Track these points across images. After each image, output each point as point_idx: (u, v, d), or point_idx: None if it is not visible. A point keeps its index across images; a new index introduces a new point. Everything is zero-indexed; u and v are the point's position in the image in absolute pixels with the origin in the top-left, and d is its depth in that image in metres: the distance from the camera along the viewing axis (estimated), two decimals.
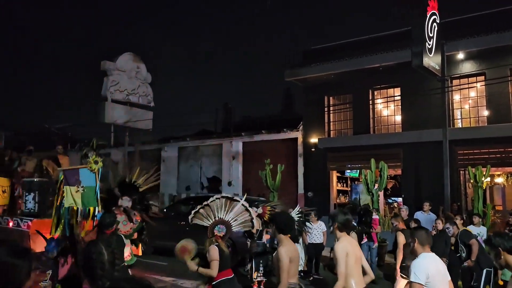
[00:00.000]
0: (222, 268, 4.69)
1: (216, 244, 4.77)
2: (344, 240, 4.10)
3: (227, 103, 24.34)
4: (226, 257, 4.75)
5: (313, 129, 16.64)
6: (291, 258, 4.11)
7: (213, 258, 4.66)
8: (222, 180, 18.50)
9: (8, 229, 8.77)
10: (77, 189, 6.09)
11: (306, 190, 16.32)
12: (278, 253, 4.16)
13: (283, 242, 4.20)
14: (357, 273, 4.02)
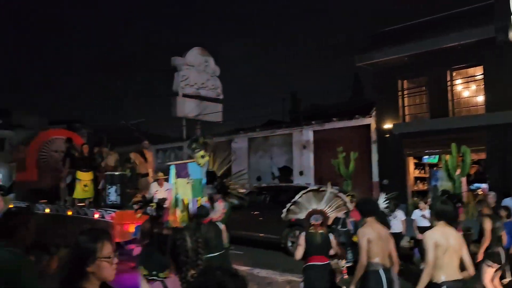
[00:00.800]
0: (310, 253, 4.97)
1: (308, 231, 5.06)
2: (437, 229, 4.04)
3: (295, 92, 24.09)
4: (315, 243, 4.97)
5: (386, 114, 15.99)
6: (371, 239, 4.34)
7: (298, 243, 5.09)
8: (293, 170, 18.37)
9: (94, 220, 9.29)
10: (187, 181, 6.59)
11: (381, 178, 15.75)
12: (357, 233, 4.57)
13: (366, 224, 4.53)
14: (447, 265, 3.89)
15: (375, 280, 4.35)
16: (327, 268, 5.02)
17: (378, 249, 4.40)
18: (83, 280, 2.10)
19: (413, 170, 15.96)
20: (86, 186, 10.35)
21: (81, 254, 2.13)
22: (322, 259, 4.98)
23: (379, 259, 4.39)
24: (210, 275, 1.62)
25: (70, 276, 2.12)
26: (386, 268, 4.43)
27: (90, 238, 2.19)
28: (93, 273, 2.12)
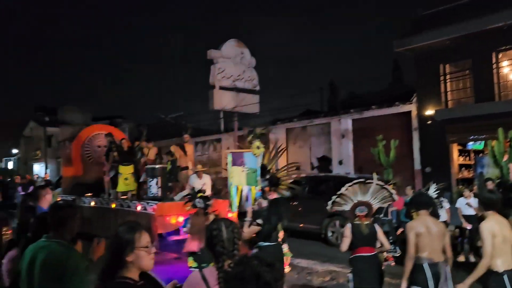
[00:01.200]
0: (357, 245, 4.98)
1: (354, 223, 5.08)
2: (490, 219, 4.08)
3: (332, 81, 23.74)
4: (362, 234, 4.98)
5: (428, 100, 15.49)
6: (419, 233, 4.36)
7: (344, 235, 5.09)
8: (332, 159, 18.16)
9: (137, 212, 9.50)
10: (242, 169, 6.90)
11: (424, 166, 15.32)
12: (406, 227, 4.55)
13: (417, 217, 4.59)
14: (505, 254, 3.98)
15: (419, 274, 4.32)
16: (375, 259, 5.05)
17: (425, 243, 4.36)
18: (123, 269, 2.20)
19: (457, 157, 15.43)
20: (127, 179, 10.60)
21: (120, 244, 2.23)
22: (369, 250, 4.99)
23: (427, 253, 4.35)
24: (247, 265, 1.63)
25: (110, 265, 2.22)
26: (433, 263, 4.36)
27: (128, 229, 2.29)
28: (132, 262, 2.21)
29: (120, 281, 2.17)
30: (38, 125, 37.28)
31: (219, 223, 2.61)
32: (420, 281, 4.32)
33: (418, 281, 4.33)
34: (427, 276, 4.30)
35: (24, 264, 2.93)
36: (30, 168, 40.09)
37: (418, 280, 4.32)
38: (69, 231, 3.06)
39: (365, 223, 5.07)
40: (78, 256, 2.96)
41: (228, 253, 2.51)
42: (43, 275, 2.80)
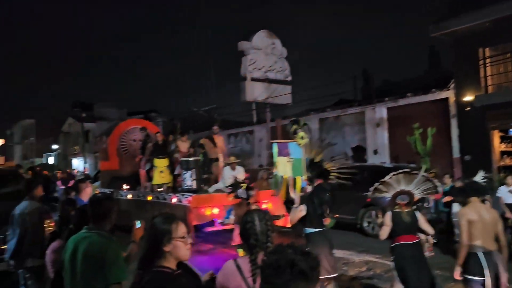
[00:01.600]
0: (398, 233, 4.93)
1: (394, 211, 4.99)
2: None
3: (365, 69, 23.29)
4: (403, 222, 4.93)
5: (467, 86, 14.94)
6: (471, 220, 4.31)
7: (384, 223, 5.00)
8: (367, 149, 17.86)
9: (172, 204, 9.65)
10: (288, 159, 6.98)
11: (463, 154, 14.84)
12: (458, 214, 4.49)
13: (468, 204, 4.49)
14: None
15: (474, 263, 4.26)
16: (417, 247, 4.98)
17: (478, 231, 4.30)
18: (161, 259, 2.25)
19: (499, 144, 14.85)
20: (162, 172, 10.78)
21: (157, 234, 2.28)
22: (411, 238, 4.93)
23: (480, 241, 4.29)
24: (282, 254, 1.62)
25: (148, 255, 2.28)
26: (488, 251, 4.30)
27: (165, 220, 2.34)
28: (170, 252, 2.27)
29: (158, 269, 2.21)
30: (75, 121, 38.41)
31: (253, 216, 2.60)
32: (475, 270, 4.26)
33: (474, 270, 4.27)
34: (483, 265, 4.23)
35: (67, 254, 3.05)
36: (70, 163, 41.44)
37: (473, 269, 4.27)
38: (108, 223, 3.18)
39: (405, 211, 5.00)
40: (117, 247, 3.05)
41: (262, 245, 2.51)
42: (85, 264, 2.92)
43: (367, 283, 6.95)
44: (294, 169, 6.93)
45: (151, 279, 2.17)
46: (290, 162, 6.95)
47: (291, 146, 7.11)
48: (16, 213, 5.24)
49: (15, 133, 54.92)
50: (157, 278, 2.17)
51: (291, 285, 1.57)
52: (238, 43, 21.95)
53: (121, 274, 2.92)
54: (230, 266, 2.52)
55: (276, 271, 1.58)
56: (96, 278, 2.89)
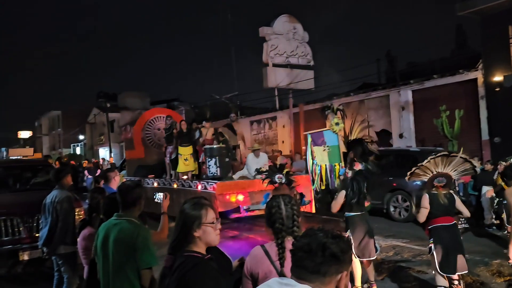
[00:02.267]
0: (436, 215, 4.90)
1: (430, 192, 4.96)
2: None
3: (389, 51, 22.84)
4: (441, 204, 4.89)
5: (496, 66, 14.48)
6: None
7: (422, 205, 4.93)
8: (392, 133, 17.59)
9: (197, 192, 9.74)
10: (324, 148, 6.96)
11: (492, 136, 14.45)
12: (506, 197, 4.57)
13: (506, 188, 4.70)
14: None
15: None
16: (455, 228, 4.98)
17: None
18: (191, 244, 2.28)
19: None
20: (186, 160, 10.87)
21: (188, 220, 2.30)
22: (449, 220, 4.93)
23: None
24: (313, 237, 1.63)
25: (179, 240, 2.31)
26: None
27: (195, 206, 2.35)
28: (199, 237, 2.29)
29: (188, 254, 2.24)
30: (100, 112, 39.02)
31: (278, 200, 2.59)
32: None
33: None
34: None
35: (98, 241, 3.14)
36: (96, 152, 42.26)
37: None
38: (137, 209, 3.25)
39: (443, 192, 4.96)
40: (147, 233, 3.12)
41: (287, 229, 2.50)
42: (116, 250, 2.99)
43: (395, 267, 6.89)
44: (331, 156, 6.88)
45: (182, 263, 2.19)
46: (326, 150, 6.90)
47: (326, 134, 7.05)
48: (47, 201, 5.38)
49: (42, 125, 56.27)
50: (188, 262, 2.19)
51: (322, 268, 1.58)
52: (259, 28, 21.79)
53: (152, 259, 2.98)
54: (258, 251, 2.53)
55: (307, 254, 1.59)
56: (127, 263, 2.95)
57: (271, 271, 2.41)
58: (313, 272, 1.58)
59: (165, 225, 3.91)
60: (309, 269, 1.58)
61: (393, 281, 6.18)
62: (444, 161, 5.06)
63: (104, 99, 33.91)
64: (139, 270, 2.96)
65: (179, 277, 2.16)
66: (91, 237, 3.96)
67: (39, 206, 5.51)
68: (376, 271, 6.64)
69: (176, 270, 2.19)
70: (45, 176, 7.74)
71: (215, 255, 2.39)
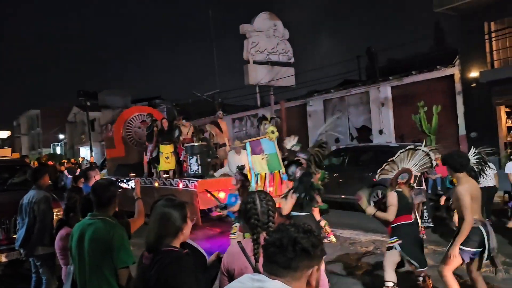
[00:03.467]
0: (400, 212, 4.91)
1: (396, 190, 4.98)
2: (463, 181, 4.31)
3: (370, 48, 23.06)
4: (406, 202, 4.93)
5: (472, 62, 14.77)
6: (472, 195, 4.26)
7: (390, 203, 4.90)
8: (372, 129, 17.80)
9: (179, 190, 9.71)
10: (262, 156, 7.00)
11: (469, 131, 14.75)
12: (456, 192, 4.35)
13: (461, 180, 4.39)
14: None
15: (476, 236, 4.34)
16: (415, 226, 5.06)
17: (476, 205, 4.37)
18: (171, 239, 2.37)
19: (505, 120, 14.75)
20: (167, 158, 10.82)
21: (173, 217, 2.38)
22: (410, 218, 4.99)
23: (478, 215, 4.37)
24: (284, 232, 1.64)
25: (158, 237, 2.36)
26: (484, 223, 4.44)
27: (179, 203, 2.47)
28: (184, 233, 2.41)
29: (168, 249, 2.29)
30: (80, 111, 38.52)
31: (254, 196, 2.63)
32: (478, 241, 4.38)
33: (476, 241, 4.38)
34: (484, 236, 4.36)
35: (73, 241, 3.11)
36: (77, 152, 41.72)
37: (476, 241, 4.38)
38: (112, 208, 3.23)
39: (406, 190, 5.03)
40: (123, 231, 3.10)
41: (263, 225, 2.53)
42: (92, 251, 2.97)
43: (375, 261, 7.00)
44: (270, 164, 6.95)
45: (161, 259, 2.23)
46: (264, 158, 6.97)
47: (263, 142, 7.14)
48: (24, 202, 5.31)
49: (21, 124, 55.26)
50: (167, 257, 2.23)
51: (293, 262, 1.59)
52: (240, 26, 21.77)
53: (129, 258, 2.97)
54: (235, 248, 2.56)
55: (279, 249, 1.60)
56: (104, 263, 2.93)
57: (247, 267, 2.43)
58: (285, 267, 1.59)
59: (141, 210, 3.94)
60: (280, 264, 1.59)
61: (372, 275, 6.28)
62: (409, 155, 5.11)
63: (84, 97, 33.44)
64: (116, 270, 2.94)
65: (159, 272, 2.19)
66: (68, 237, 3.94)
67: (16, 207, 5.43)
68: (356, 265, 6.74)
69: (155, 265, 2.22)
70: (22, 177, 7.64)
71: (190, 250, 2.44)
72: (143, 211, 3.95)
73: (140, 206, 3.93)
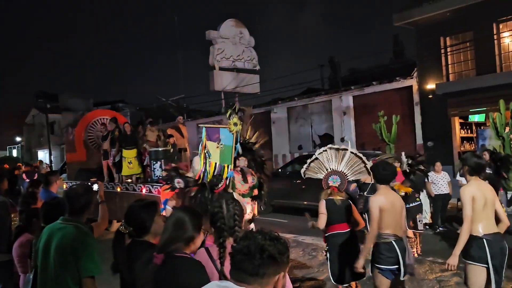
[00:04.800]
0: (333, 221, 4.73)
1: (328, 198, 4.78)
2: (472, 184, 3.97)
3: (332, 57, 23.59)
4: (338, 210, 4.71)
5: (429, 74, 15.41)
6: (383, 208, 4.02)
7: (319, 211, 4.75)
8: (334, 137, 18.19)
9: (142, 195, 9.61)
10: (217, 145, 6.69)
11: (426, 140, 15.34)
12: (369, 202, 4.20)
13: (379, 192, 4.16)
14: (485, 218, 3.88)
15: (387, 251, 4.05)
16: (351, 236, 4.73)
17: (390, 219, 4.05)
18: (186, 246, 2.43)
19: (459, 130, 15.44)
20: (130, 163, 10.70)
21: (195, 224, 2.47)
22: (344, 227, 4.72)
23: (391, 229, 4.06)
24: (252, 239, 1.66)
25: (175, 242, 2.41)
26: (399, 238, 4.11)
27: (196, 212, 2.57)
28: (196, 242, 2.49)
29: (183, 255, 2.34)
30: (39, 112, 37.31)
31: (221, 201, 2.68)
32: (389, 257, 4.10)
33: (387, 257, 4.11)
34: (397, 251, 4.07)
35: (41, 245, 3.02)
36: (35, 155, 40.30)
37: (386, 256, 4.10)
38: (86, 214, 3.17)
39: (338, 197, 4.77)
40: (93, 240, 3.04)
41: (229, 229, 2.57)
42: (58, 256, 2.88)
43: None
44: (222, 156, 6.68)
45: (180, 263, 2.28)
46: (219, 148, 6.70)
47: (222, 132, 6.83)
48: None
49: None
50: (188, 263, 2.31)
51: (261, 269, 1.62)
52: (206, 32, 21.80)
53: (95, 268, 2.88)
54: (202, 254, 2.57)
55: (246, 257, 1.63)
56: (69, 271, 2.85)
57: (213, 273, 2.45)
58: (252, 274, 1.62)
59: (105, 215, 3.86)
60: (248, 271, 1.62)
61: None
62: (336, 155, 4.90)
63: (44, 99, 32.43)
64: (80, 279, 2.85)
65: (177, 275, 2.23)
66: (28, 244, 3.86)
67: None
68: (318, 270, 6.88)
69: (172, 268, 2.25)
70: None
71: None
72: (107, 216, 3.90)
73: (104, 211, 3.85)
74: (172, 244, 2.31)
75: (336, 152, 4.96)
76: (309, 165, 5.09)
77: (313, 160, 5.04)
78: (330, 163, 4.95)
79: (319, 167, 5.01)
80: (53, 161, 25.93)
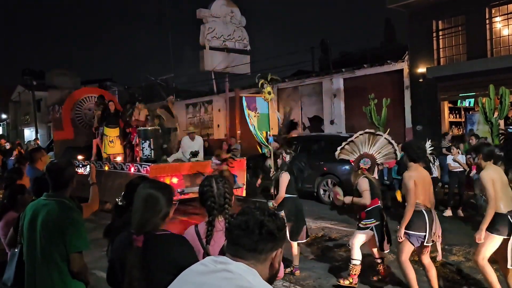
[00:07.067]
0: (372, 196, 5.16)
1: (364, 176, 5.21)
2: (489, 168, 4.55)
3: (324, 40, 23.43)
4: (374, 187, 5.21)
5: (420, 58, 15.40)
6: (417, 182, 4.53)
7: (364, 188, 5.13)
8: (324, 119, 18.20)
9: (130, 174, 9.54)
10: (255, 114, 7.03)
11: (415, 124, 15.42)
12: (403, 177, 4.67)
13: (411, 168, 4.67)
14: (505, 197, 4.46)
15: (417, 218, 4.56)
16: (382, 210, 5.32)
17: (421, 191, 4.58)
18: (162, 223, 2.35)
19: (448, 115, 15.53)
20: (112, 142, 10.61)
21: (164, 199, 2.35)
22: (377, 201, 5.23)
23: (422, 200, 4.59)
24: (250, 215, 1.64)
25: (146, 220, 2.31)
26: (428, 209, 4.64)
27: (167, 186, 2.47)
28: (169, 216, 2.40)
29: (164, 233, 2.28)
30: (26, 90, 36.70)
31: (210, 179, 2.66)
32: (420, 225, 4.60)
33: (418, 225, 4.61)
34: (426, 220, 4.58)
35: (25, 222, 2.98)
36: (21, 133, 39.79)
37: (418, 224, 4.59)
38: (69, 190, 3.11)
39: (370, 175, 5.25)
40: (78, 215, 3.00)
41: (219, 207, 2.56)
42: (44, 233, 2.85)
43: (324, 247, 7.23)
44: (259, 123, 7.00)
45: (163, 241, 2.22)
46: (256, 116, 7.01)
47: (258, 101, 7.13)
48: None
49: None
50: (172, 238, 2.26)
51: (259, 245, 1.59)
52: (197, 10, 21.45)
53: (82, 243, 2.86)
54: (191, 232, 2.57)
55: (244, 232, 1.60)
56: (56, 247, 2.82)
57: (200, 251, 2.46)
58: (250, 249, 1.59)
59: (96, 197, 3.86)
60: (246, 246, 1.59)
61: (321, 261, 6.49)
62: (370, 139, 5.32)
63: (30, 76, 31.86)
64: (68, 254, 2.82)
65: (164, 253, 2.17)
66: (14, 222, 3.79)
67: None
68: (306, 251, 6.93)
69: (157, 246, 2.18)
70: None
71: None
72: (98, 198, 3.87)
73: (95, 193, 3.85)
74: (149, 224, 2.23)
75: (371, 136, 5.34)
76: (343, 147, 5.43)
77: (348, 142, 5.39)
78: (363, 146, 5.33)
79: (352, 149, 5.39)
80: (39, 139, 25.59)
